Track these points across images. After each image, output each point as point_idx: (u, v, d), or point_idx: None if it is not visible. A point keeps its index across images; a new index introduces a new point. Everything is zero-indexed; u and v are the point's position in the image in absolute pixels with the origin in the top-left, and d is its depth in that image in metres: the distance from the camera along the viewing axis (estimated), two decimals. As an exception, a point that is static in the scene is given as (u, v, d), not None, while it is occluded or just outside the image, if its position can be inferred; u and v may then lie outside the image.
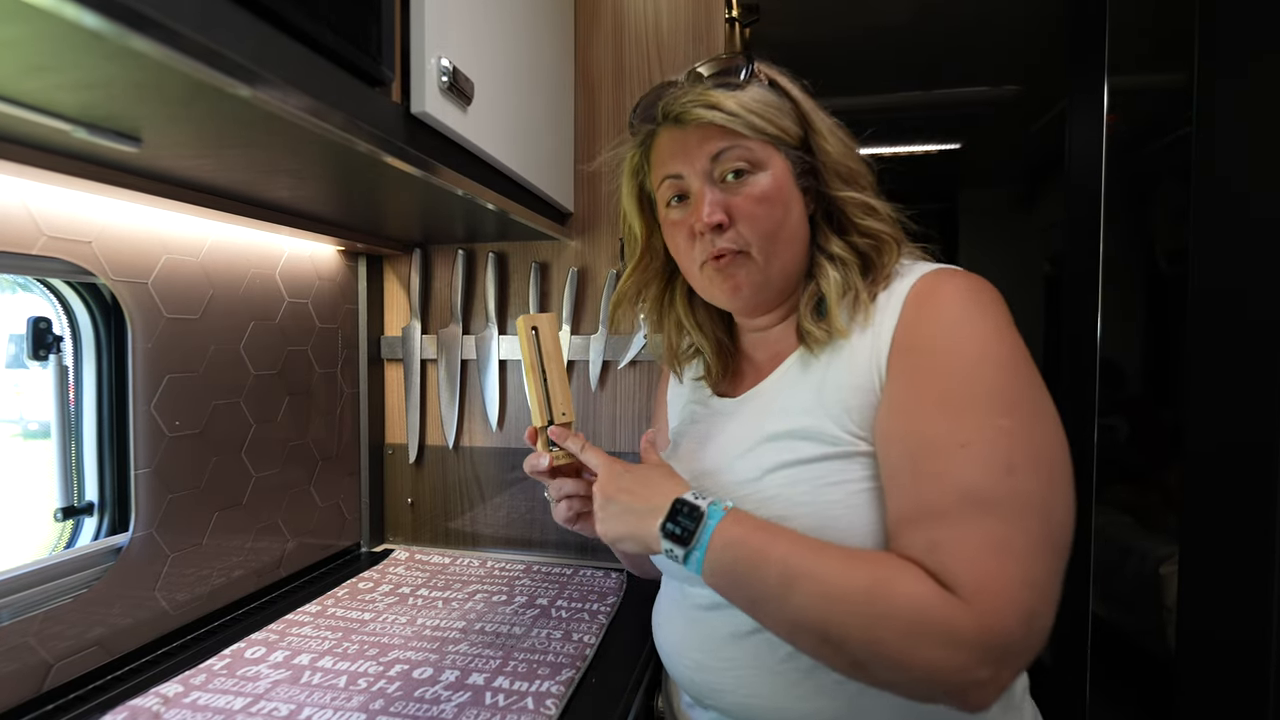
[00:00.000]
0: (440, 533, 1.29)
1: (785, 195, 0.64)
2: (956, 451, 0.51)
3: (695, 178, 0.65)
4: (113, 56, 0.41)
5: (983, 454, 0.51)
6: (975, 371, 0.54)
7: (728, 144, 0.63)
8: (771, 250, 0.64)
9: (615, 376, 1.20)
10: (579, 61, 1.19)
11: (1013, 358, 0.55)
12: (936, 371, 0.55)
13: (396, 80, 0.64)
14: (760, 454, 0.64)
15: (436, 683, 0.75)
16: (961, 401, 0.53)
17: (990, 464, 0.50)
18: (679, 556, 0.57)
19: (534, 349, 0.72)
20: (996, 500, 0.49)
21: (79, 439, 0.81)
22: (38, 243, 0.71)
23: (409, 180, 0.75)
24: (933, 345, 0.56)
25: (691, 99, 0.63)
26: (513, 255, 1.24)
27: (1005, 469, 0.50)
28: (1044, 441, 0.52)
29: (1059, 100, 2.14)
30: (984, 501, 0.49)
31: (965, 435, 0.52)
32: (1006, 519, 0.49)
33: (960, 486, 0.50)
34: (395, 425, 1.30)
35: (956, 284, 0.59)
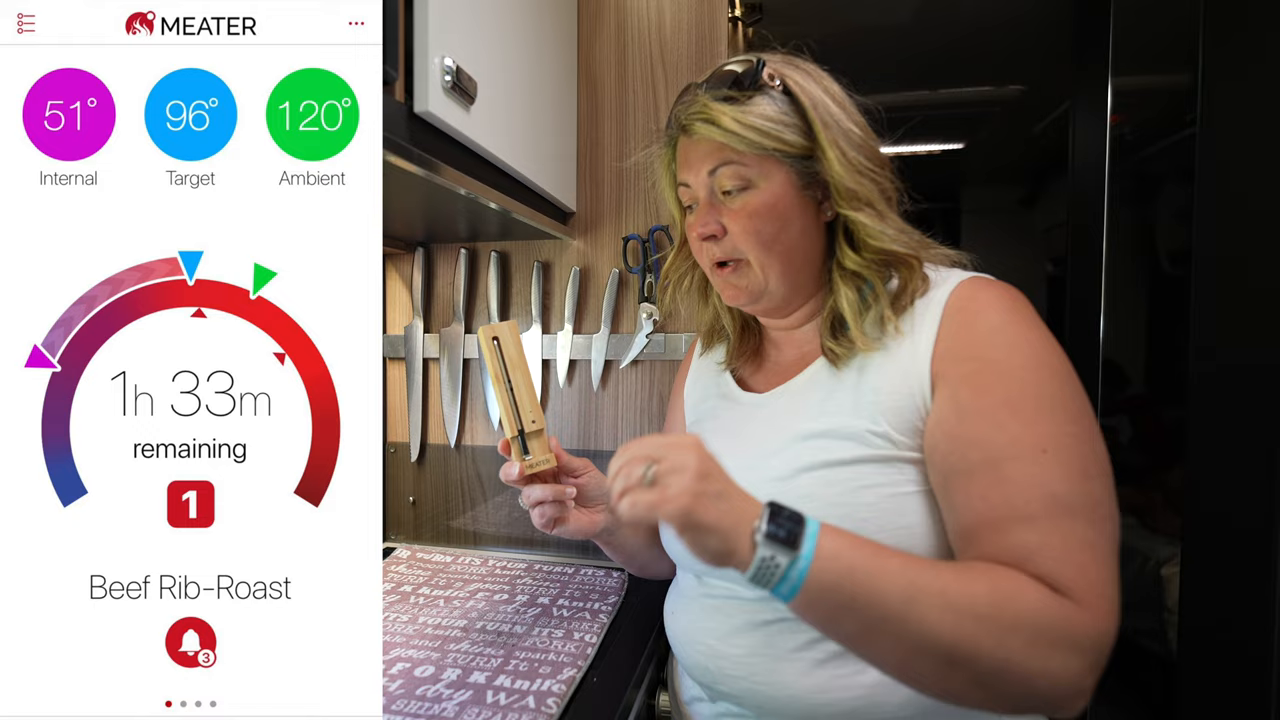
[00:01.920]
0: (442, 531, 1.29)
1: (782, 209, 0.64)
2: (1039, 456, 0.52)
3: (700, 188, 0.67)
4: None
5: (1063, 460, 0.52)
6: (1037, 378, 0.55)
7: (722, 160, 0.64)
8: (768, 261, 0.65)
9: (617, 376, 1.20)
10: (582, 60, 1.19)
11: (1064, 365, 0.57)
12: (999, 378, 0.55)
13: (400, 79, 0.64)
14: (794, 453, 0.63)
15: (438, 681, 0.76)
16: (1032, 408, 0.54)
17: (1070, 469, 0.52)
18: (778, 568, 0.47)
19: (497, 359, 0.72)
20: (1081, 505, 0.51)
21: None
22: None
23: (412, 179, 0.75)
24: (987, 353, 0.57)
25: (695, 111, 0.64)
26: (515, 254, 1.24)
27: (1083, 474, 0.52)
28: (1102, 448, 0.55)
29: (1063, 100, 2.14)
30: (1071, 507, 0.51)
31: (1044, 441, 0.52)
32: (1092, 523, 0.51)
33: (1047, 491, 0.51)
34: (397, 424, 1.30)
35: (994, 292, 0.61)
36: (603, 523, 0.80)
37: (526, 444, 0.73)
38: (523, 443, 0.73)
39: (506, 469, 0.73)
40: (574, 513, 0.77)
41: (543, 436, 0.73)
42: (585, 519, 0.78)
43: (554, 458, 0.74)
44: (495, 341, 0.72)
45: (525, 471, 0.72)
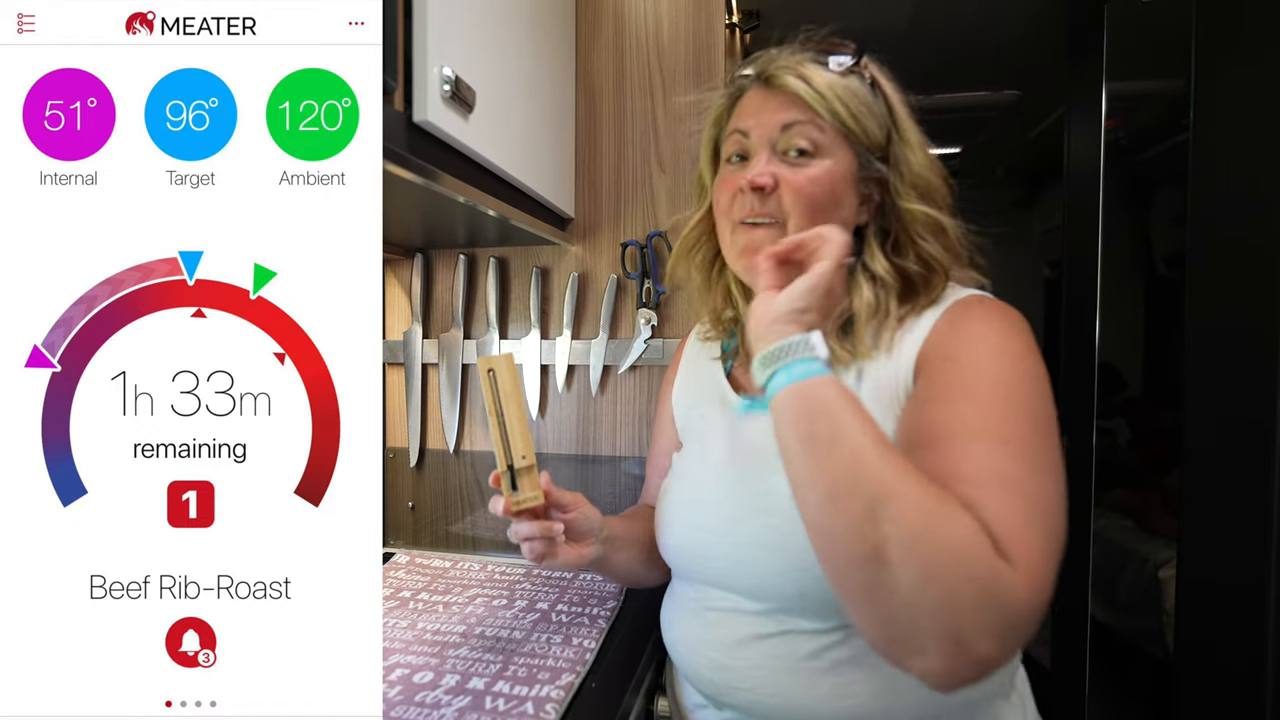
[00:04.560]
0: (441, 536, 1.29)
1: (838, 189, 0.63)
2: (997, 445, 0.52)
3: (760, 140, 0.65)
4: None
5: (1023, 454, 0.52)
6: (1011, 383, 0.55)
7: (799, 118, 0.63)
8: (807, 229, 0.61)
9: (616, 381, 1.21)
10: (580, 68, 1.20)
11: (1043, 384, 0.57)
12: (974, 376, 0.56)
13: (399, 89, 0.65)
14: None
15: (436, 687, 0.75)
16: (1001, 407, 0.54)
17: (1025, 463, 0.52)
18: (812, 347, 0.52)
19: (492, 392, 0.71)
20: (1031, 493, 0.50)
21: None
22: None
23: (411, 187, 0.75)
24: (966, 354, 0.58)
25: (787, 64, 0.64)
26: (514, 260, 1.25)
27: (1040, 470, 0.52)
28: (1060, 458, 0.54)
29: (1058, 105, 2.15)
30: (1020, 487, 0.50)
31: (1006, 435, 0.52)
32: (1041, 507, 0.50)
33: (998, 469, 0.51)
34: (396, 429, 1.30)
35: (993, 308, 0.62)
36: (591, 555, 0.79)
37: (516, 479, 0.72)
38: (512, 478, 0.72)
39: (494, 503, 0.72)
40: (563, 547, 0.75)
41: (533, 473, 0.72)
42: (573, 553, 0.77)
43: (542, 494, 0.72)
44: (490, 373, 0.71)
45: (511, 508, 0.71)
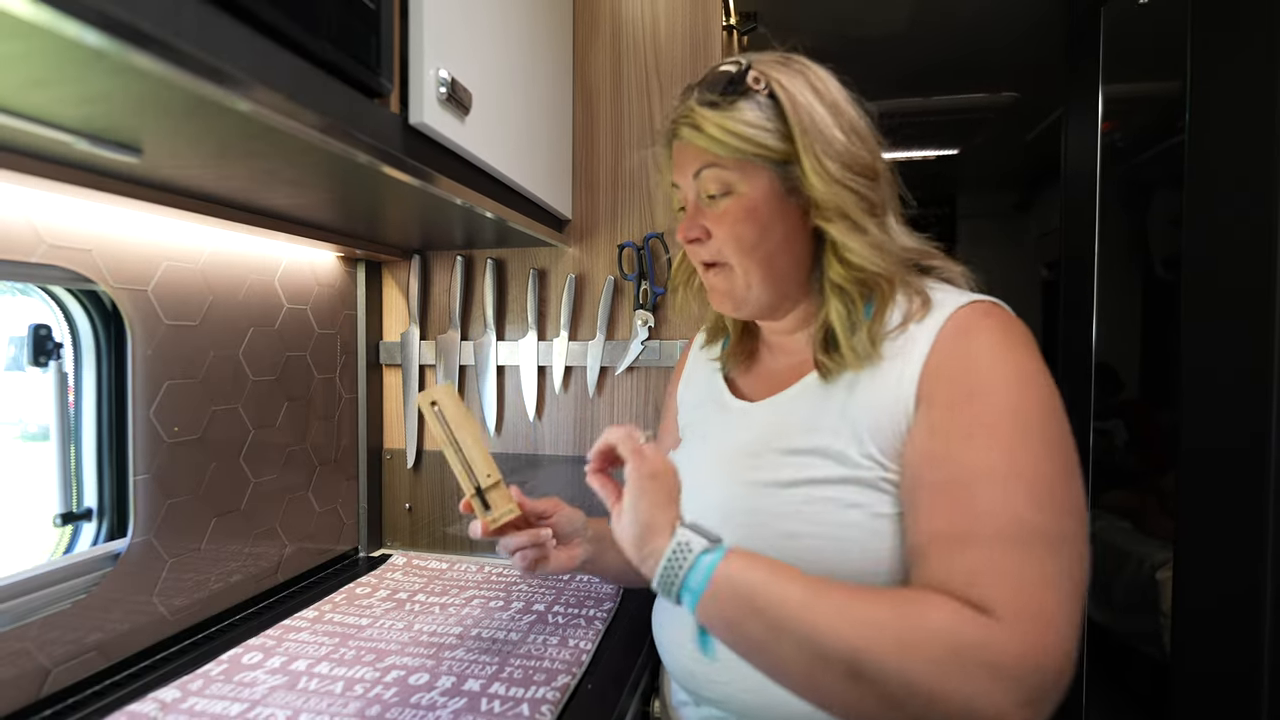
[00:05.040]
0: (438, 538, 1.29)
1: (763, 215, 0.63)
2: (1010, 481, 0.50)
3: (688, 191, 0.68)
4: (113, 72, 0.41)
5: (1035, 490, 0.50)
6: (1019, 406, 0.53)
7: (704, 164, 0.64)
8: (749, 266, 0.65)
9: (613, 383, 1.21)
10: (577, 70, 1.20)
11: (1052, 399, 0.55)
12: (981, 401, 0.54)
13: (395, 91, 0.65)
14: (779, 466, 0.63)
15: (433, 689, 0.76)
16: (1009, 434, 0.52)
17: (1040, 500, 0.50)
18: (691, 552, 0.53)
19: (441, 423, 0.72)
20: (1048, 536, 0.48)
21: (79, 445, 0.82)
22: (38, 250, 0.72)
23: (407, 189, 0.75)
24: (973, 377, 0.56)
25: (681, 115, 0.65)
26: (511, 261, 1.25)
27: (1054, 507, 0.50)
28: (1078, 487, 0.52)
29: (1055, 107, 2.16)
30: (1036, 534, 0.48)
31: (1018, 468, 0.51)
32: (1057, 556, 0.48)
33: (1013, 514, 0.49)
34: (393, 430, 1.30)
35: (993, 320, 0.59)
36: (582, 556, 0.81)
37: (486, 499, 0.72)
38: (482, 499, 0.72)
39: (472, 527, 0.73)
40: (554, 552, 0.78)
41: (501, 488, 0.72)
42: (564, 556, 0.80)
43: (516, 506, 0.73)
44: (434, 406, 0.72)
45: (490, 527, 0.72)
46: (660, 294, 1.17)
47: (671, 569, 0.53)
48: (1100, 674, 1.72)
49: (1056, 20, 1.81)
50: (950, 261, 0.68)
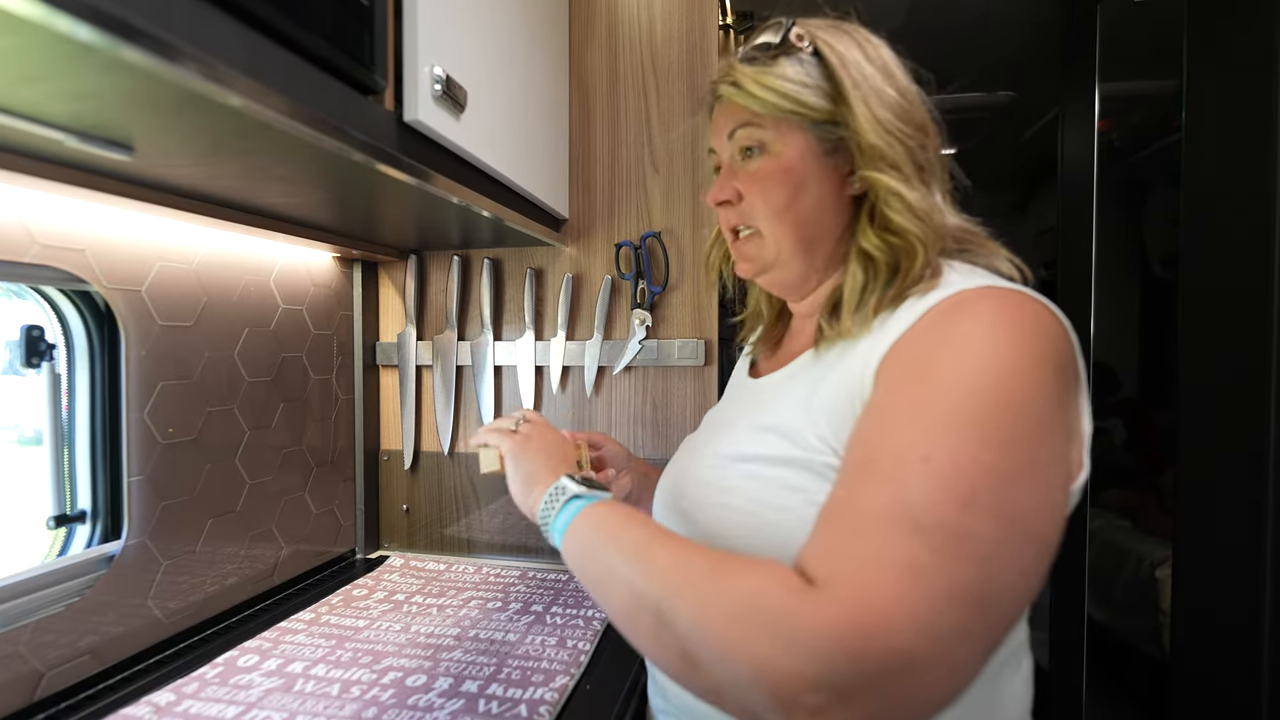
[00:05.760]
0: (435, 539, 1.29)
1: (797, 175, 0.60)
2: (916, 465, 0.44)
3: (723, 153, 0.66)
4: (104, 67, 0.41)
5: (948, 481, 0.42)
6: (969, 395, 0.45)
7: (739, 122, 0.63)
8: (780, 230, 0.62)
9: (611, 382, 1.20)
10: (573, 68, 1.20)
11: (1024, 397, 0.45)
12: (928, 385, 0.48)
13: (390, 88, 0.64)
14: (742, 441, 0.61)
15: (430, 690, 0.75)
16: (941, 418, 0.45)
17: (946, 488, 0.42)
18: (564, 493, 0.60)
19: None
20: (937, 529, 0.41)
21: (71, 447, 0.81)
22: (31, 250, 0.71)
23: (403, 188, 0.75)
24: (933, 359, 0.49)
25: (721, 74, 0.64)
26: (508, 261, 1.25)
27: (962, 501, 0.41)
28: (1030, 505, 0.43)
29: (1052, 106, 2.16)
30: (921, 524, 0.41)
31: (934, 454, 0.43)
32: (938, 551, 0.40)
33: (901, 499, 0.42)
34: (390, 431, 1.30)
35: (990, 304, 0.50)
36: (628, 487, 0.85)
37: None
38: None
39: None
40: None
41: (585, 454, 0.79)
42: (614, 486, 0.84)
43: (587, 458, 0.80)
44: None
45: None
46: (658, 293, 1.17)
47: (546, 509, 0.60)
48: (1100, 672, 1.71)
49: (1053, 20, 1.81)
50: (995, 246, 0.61)
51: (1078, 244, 1.69)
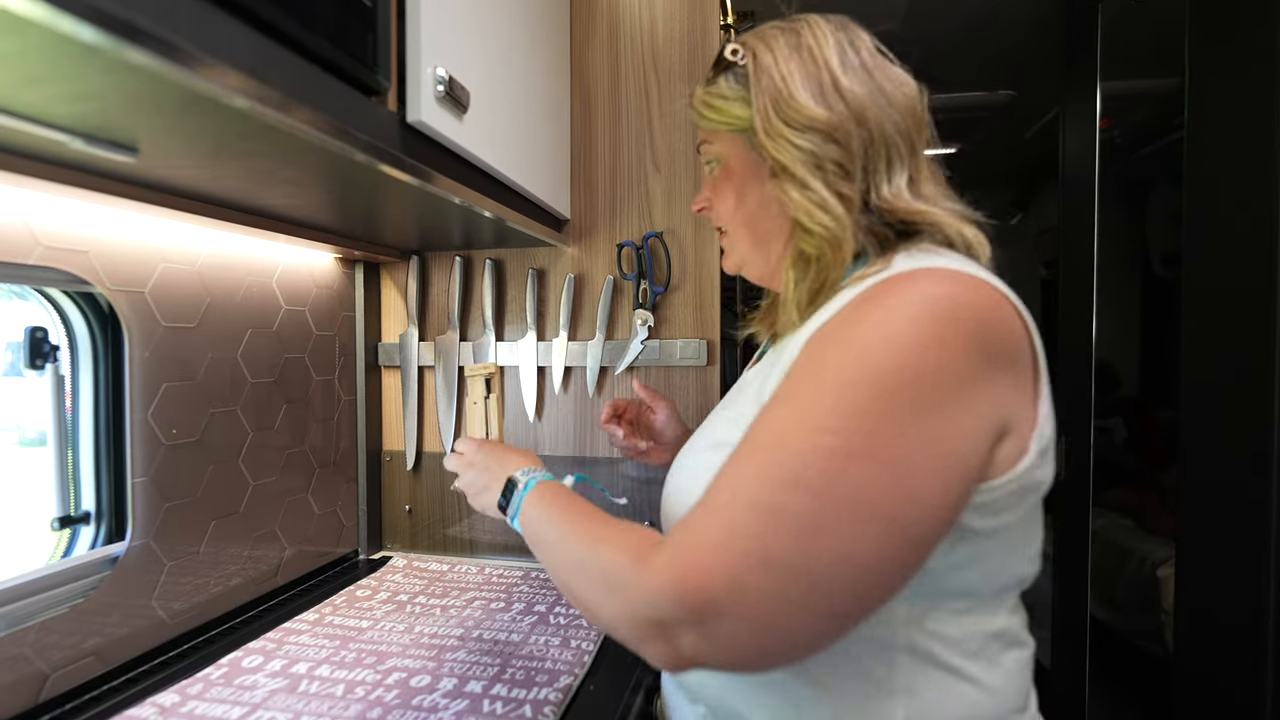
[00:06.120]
0: (438, 540, 1.29)
1: (738, 181, 0.66)
2: (767, 446, 0.47)
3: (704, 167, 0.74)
4: (109, 69, 0.41)
5: (781, 457, 0.46)
6: (843, 380, 0.46)
7: (700, 140, 0.70)
8: (737, 231, 0.69)
9: (613, 382, 1.20)
10: (575, 69, 1.20)
11: (914, 384, 0.45)
12: (815, 371, 0.49)
13: (393, 89, 0.64)
14: (716, 430, 0.65)
15: (434, 690, 0.75)
16: (808, 400, 0.47)
17: (778, 469, 0.46)
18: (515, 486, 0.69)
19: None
20: (758, 503, 0.45)
21: (75, 448, 0.81)
22: (35, 252, 0.71)
23: (405, 189, 0.75)
24: (832, 345, 0.50)
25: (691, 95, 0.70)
26: (510, 262, 1.25)
27: (787, 482, 0.45)
28: (878, 486, 0.44)
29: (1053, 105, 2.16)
30: (752, 503, 0.45)
31: (786, 434, 0.47)
32: (757, 524, 0.44)
33: (744, 478, 0.47)
34: (393, 432, 1.30)
35: (915, 286, 0.50)
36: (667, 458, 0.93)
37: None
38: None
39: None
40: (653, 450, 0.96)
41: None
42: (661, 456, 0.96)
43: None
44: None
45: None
46: (660, 293, 1.17)
47: (504, 500, 0.70)
48: (1102, 671, 1.71)
49: (1054, 18, 1.81)
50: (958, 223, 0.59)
51: (1079, 243, 1.69)
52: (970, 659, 0.55)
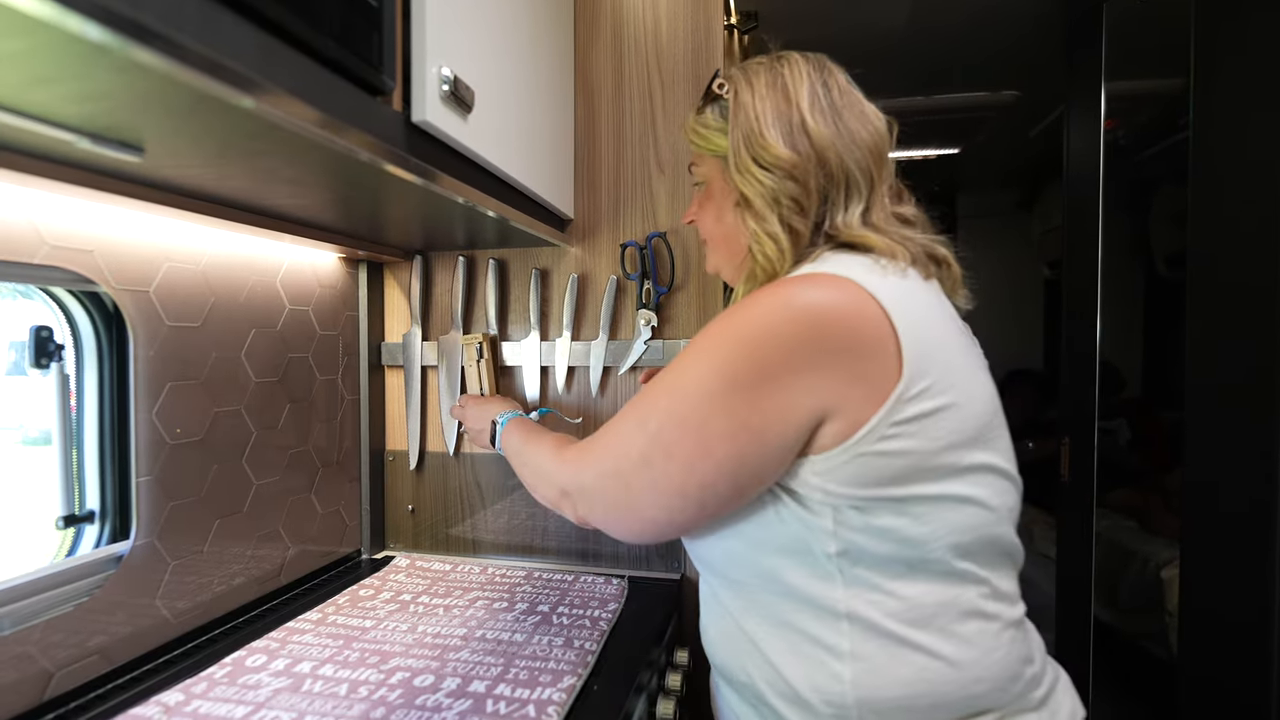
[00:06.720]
0: (441, 539, 1.29)
1: (716, 202, 0.75)
2: (641, 402, 0.66)
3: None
4: (116, 68, 0.41)
5: (641, 410, 0.65)
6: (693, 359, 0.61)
7: (691, 161, 0.79)
8: (713, 244, 0.78)
9: (616, 382, 1.20)
10: (579, 69, 1.20)
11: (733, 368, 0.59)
12: (687, 348, 0.63)
13: (398, 89, 0.64)
14: None
15: (438, 690, 0.75)
16: (673, 373, 0.63)
17: (635, 416, 0.65)
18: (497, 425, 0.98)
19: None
20: (618, 435, 0.67)
21: (80, 447, 0.81)
22: (40, 252, 0.71)
23: (410, 188, 0.75)
24: (704, 330, 0.63)
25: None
26: (513, 261, 1.25)
27: (637, 425, 0.64)
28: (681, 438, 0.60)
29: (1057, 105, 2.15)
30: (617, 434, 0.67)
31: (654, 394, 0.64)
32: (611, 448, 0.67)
33: (621, 421, 0.67)
34: (396, 432, 1.30)
35: (776, 287, 0.61)
36: None
37: None
38: None
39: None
40: None
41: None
42: None
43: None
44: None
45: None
46: (663, 293, 1.17)
47: (493, 435, 0.98)
48: (1106, 673, 1.71)
49: (1057, 18, 1.81)
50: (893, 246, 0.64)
51: (1083, 243, 1.68)
52: (915, 627, 0.59)
